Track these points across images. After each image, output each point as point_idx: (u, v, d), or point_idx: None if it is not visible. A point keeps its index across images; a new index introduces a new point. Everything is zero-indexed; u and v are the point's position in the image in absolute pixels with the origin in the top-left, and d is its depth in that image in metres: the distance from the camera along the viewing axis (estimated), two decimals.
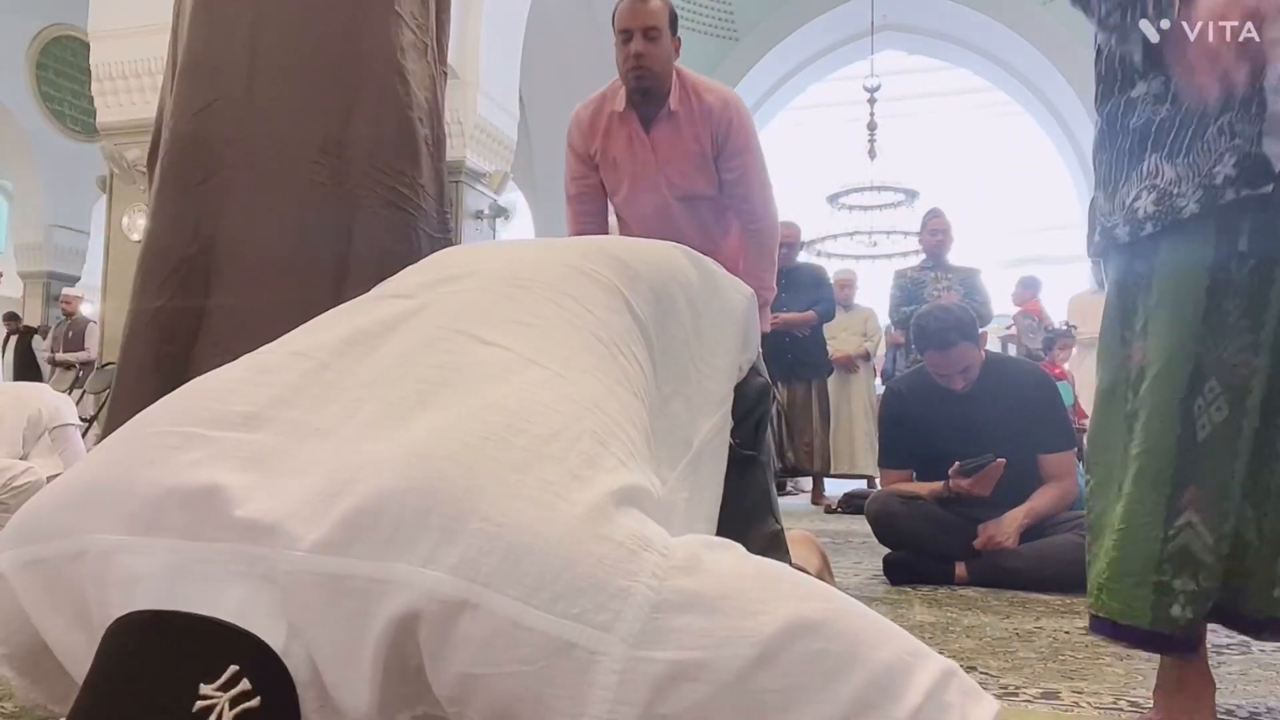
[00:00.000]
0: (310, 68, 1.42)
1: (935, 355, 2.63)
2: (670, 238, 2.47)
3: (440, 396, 0.70)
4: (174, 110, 1.45)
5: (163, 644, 0.60)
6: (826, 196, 12.03)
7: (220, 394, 0.76)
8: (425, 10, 1.59)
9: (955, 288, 4.76)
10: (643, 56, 2.28)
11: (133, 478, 0.67)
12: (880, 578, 2.64)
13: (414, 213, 1.48)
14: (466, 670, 0.56)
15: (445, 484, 0.60)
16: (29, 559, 0.68)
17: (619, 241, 1.16)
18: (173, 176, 1.41)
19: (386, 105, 1.45)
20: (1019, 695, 1.42)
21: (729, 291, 1.24)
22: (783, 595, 0.59)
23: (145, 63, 6.06)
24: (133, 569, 0.62)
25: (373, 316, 0.86)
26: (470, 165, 6.83)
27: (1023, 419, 2.59)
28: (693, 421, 1.02)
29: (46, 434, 3.11)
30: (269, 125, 1.40)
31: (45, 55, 10.62)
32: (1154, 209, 1.14)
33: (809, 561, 1.21)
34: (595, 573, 0.56)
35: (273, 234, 1.39)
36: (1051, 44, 10.52)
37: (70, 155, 10.80)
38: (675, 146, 2.39)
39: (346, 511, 0.59)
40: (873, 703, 0.57)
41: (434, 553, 0.57)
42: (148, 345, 1.37)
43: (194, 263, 1.38)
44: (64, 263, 11.20)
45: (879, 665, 0.58)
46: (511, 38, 6.96)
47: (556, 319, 0.86)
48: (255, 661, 0.58)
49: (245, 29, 1.43)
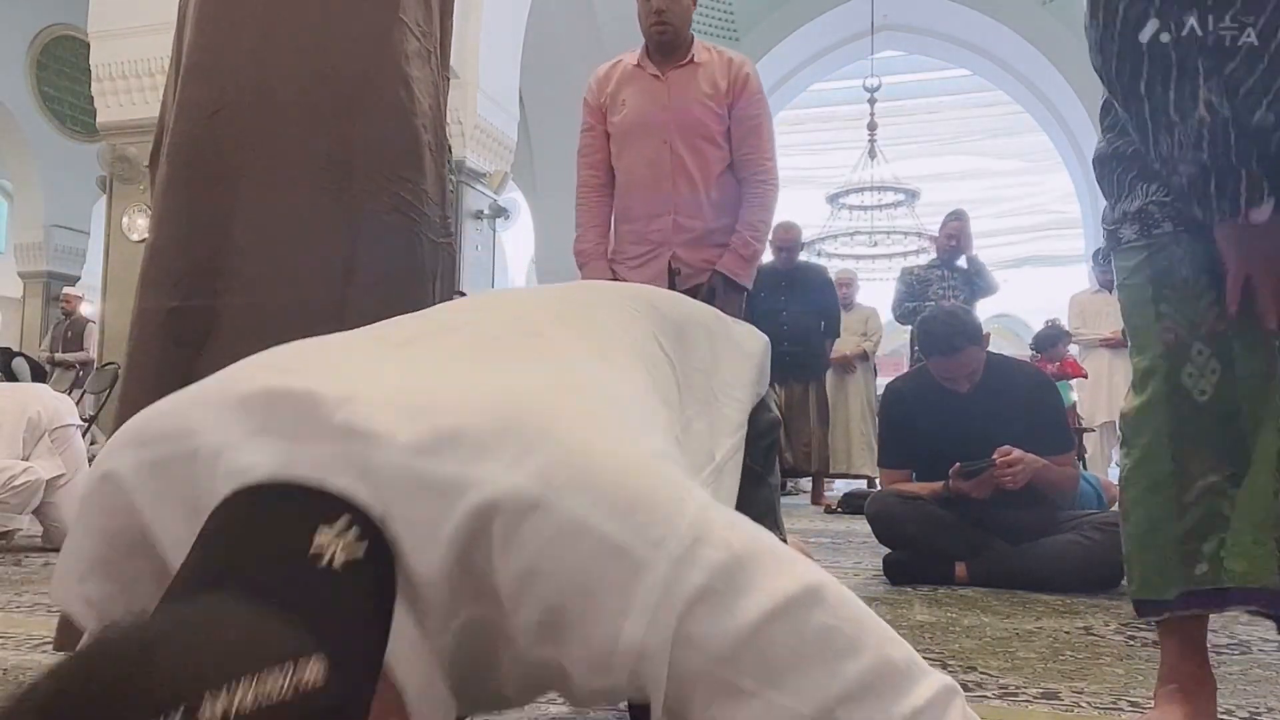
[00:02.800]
0: (318, 75, 1.43)
1: (942, 360, 2.63)
2: (661, 191, 2.52)
3: (524, 362, 0.79)
4: (181, 113, 1.45)
5: (279, 497, 0.65)
6: (826, 196, 12.03)
7: (300, 349, 0.83)
8: (429, 17, 1.59)
9: (961, 289, 4.77)
10: (664, 12, 2.50)
11: (238, 388, 0.72)
12: (880, 578, 2.64)
13: (417, 218, 1.48)
14: (529, 565, 0.62)
15: (528, 411, 0.67)
16: (146, 460, 0.73)
17: (641, 287, 1.26)
18: (183, 179, 1.42)
19: (392, 112, 1.46)
20: (1019, 695, 1.42)
21: (744, 336, 1.35)
22: (801, 566, 0.64)
23: (145, 63, 6.06)
24: (242, 463, 0.67)
25: (423, 324, 0.92)
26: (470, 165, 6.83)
27: (1022, 420, 2.59)
28: (715, 439, 1.11)
29: (47, 435, 3.11)
30: (278, 131, 1.41)
31: (45, 55, 10.63)
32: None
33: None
34: (654, 498, 0.64)
35: (280, 238, 1.39)
36: (1051, 44, 10.53)
37: (70, 155, 10.80)
38: (688, 87, 2.54)
39: (437, 423, 0.66)
40: (876, 690, 0.60)
41: (515, 461, 0.64)
42: (161, 346, 1.37)
43: (204, 265, 1.39)
44: (64, 263, 11.20)
45: (888, 659, 0.62)
46: (511, 38, 6.96)
47: (607, 333, 0.95)
48: (364, 519, 0.64)
49: (253, 36, 1.44)
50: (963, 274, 4.88)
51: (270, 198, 1.40)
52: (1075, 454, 2.78)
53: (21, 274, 11.31)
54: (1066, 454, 2.68)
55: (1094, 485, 3.19)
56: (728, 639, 0.60)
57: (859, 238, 12.07)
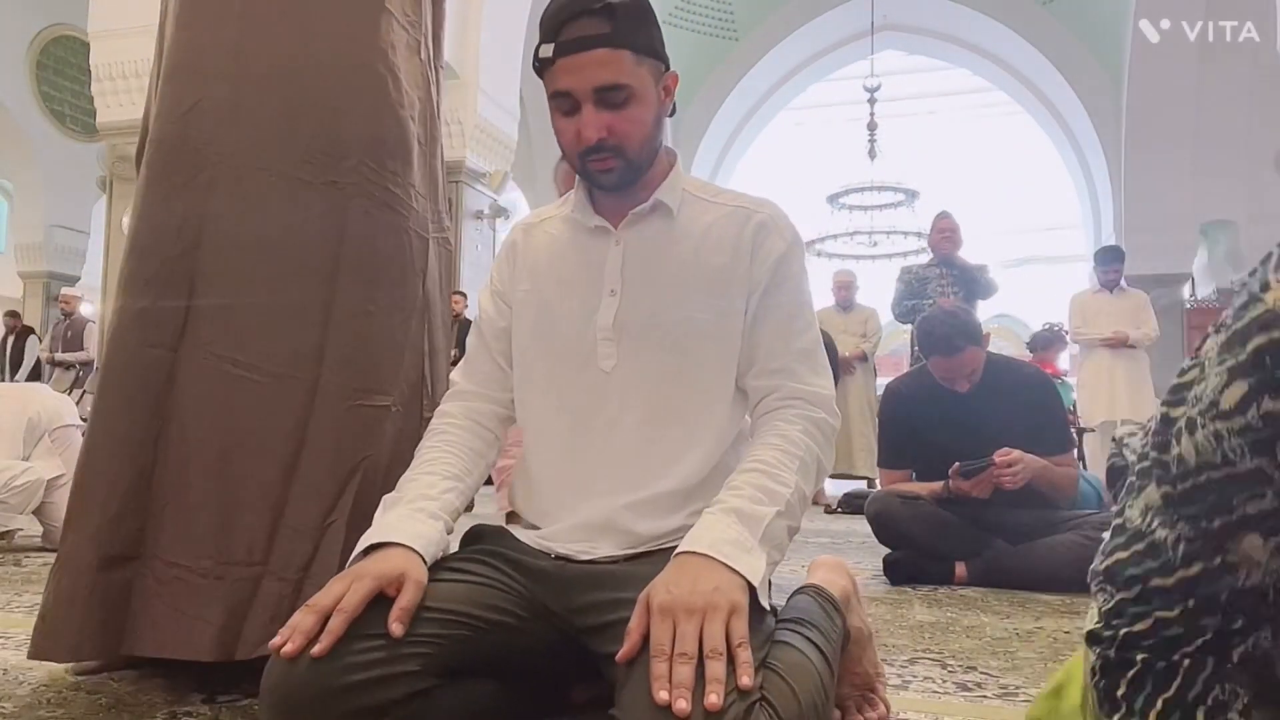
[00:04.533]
0: (298, 68, 1.40)
1: (942, 361, 2.63)
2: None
3: None
4: (159, 112, 1.43)
5: None
6: (826, 196, 12.04)
7: None
8: (418, 7, 1.56)
9: (959, 286, 4.78)
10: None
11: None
12: (880, 578, 2.64)
13: (405, 213, 1.46)
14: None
15: None
16: None
17: None
18: (157, 177, 1.40)
19: (377, 105, 1.43)
20: (1019, 695, 1.42)
21: None
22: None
23: (145, 63, 6.05)
24: None
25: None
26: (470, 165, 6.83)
27: (1022, 420, 2.59)
28: None
29: (47, 435, 3.10)
30: (256, 126, 1.39)
31: (45, 55, 10.64)
32: None
33: (834, 584, 1.21)
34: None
35: (260, 234, 1.37)
36: (1051, 44, 10.53)
37: (70, 155, 10.81)
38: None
39: None
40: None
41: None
42: (132, 345, 1.35)
43: (178, 263, 1.36)
44: (64, 262, 11.21)
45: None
46: (512, 38, 6.96)
47: None
48: None
49: (232, 32, 1.41)
50: (960, 271, 4.89)
51: (249, 194, 1.37)
52: (1075, 454, 2.78)
53: (21, 274, 11.32)
54: (1066, 454, 2.68)
55: (1094, 485, 3.18)
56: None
57: (859, 238, 12.08)
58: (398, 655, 0.95)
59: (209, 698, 1.26)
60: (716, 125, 12.11)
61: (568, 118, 1.14)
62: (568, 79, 1.11)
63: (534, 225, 1.32)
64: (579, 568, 1.11)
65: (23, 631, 1.71)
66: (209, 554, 1.28)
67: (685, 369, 1.17)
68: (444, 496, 1.14)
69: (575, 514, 1.16)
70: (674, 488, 1.15)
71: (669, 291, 1.18)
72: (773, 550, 1.03)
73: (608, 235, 1.22)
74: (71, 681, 1.34)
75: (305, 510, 1.30)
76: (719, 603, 0.90)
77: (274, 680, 0.93)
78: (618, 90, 1.11)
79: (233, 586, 1.27)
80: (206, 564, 1.28)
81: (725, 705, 0.82)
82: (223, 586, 1.27)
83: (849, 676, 1.19)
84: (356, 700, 0.92)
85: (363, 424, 1.35)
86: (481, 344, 1.29)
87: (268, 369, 1.34)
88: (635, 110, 1.13)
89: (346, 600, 0.95)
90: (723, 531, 1.00)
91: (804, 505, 1.11)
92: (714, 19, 11.41)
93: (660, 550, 1.11)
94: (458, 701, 1.01)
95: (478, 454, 1.24)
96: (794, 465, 1.10)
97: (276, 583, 1.27)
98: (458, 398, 1.28)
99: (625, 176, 1.16)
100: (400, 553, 1.03)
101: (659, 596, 0.91)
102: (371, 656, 0.94)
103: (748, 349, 1.19)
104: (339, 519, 1.30)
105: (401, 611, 0.96)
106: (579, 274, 1.22)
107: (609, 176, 1.15)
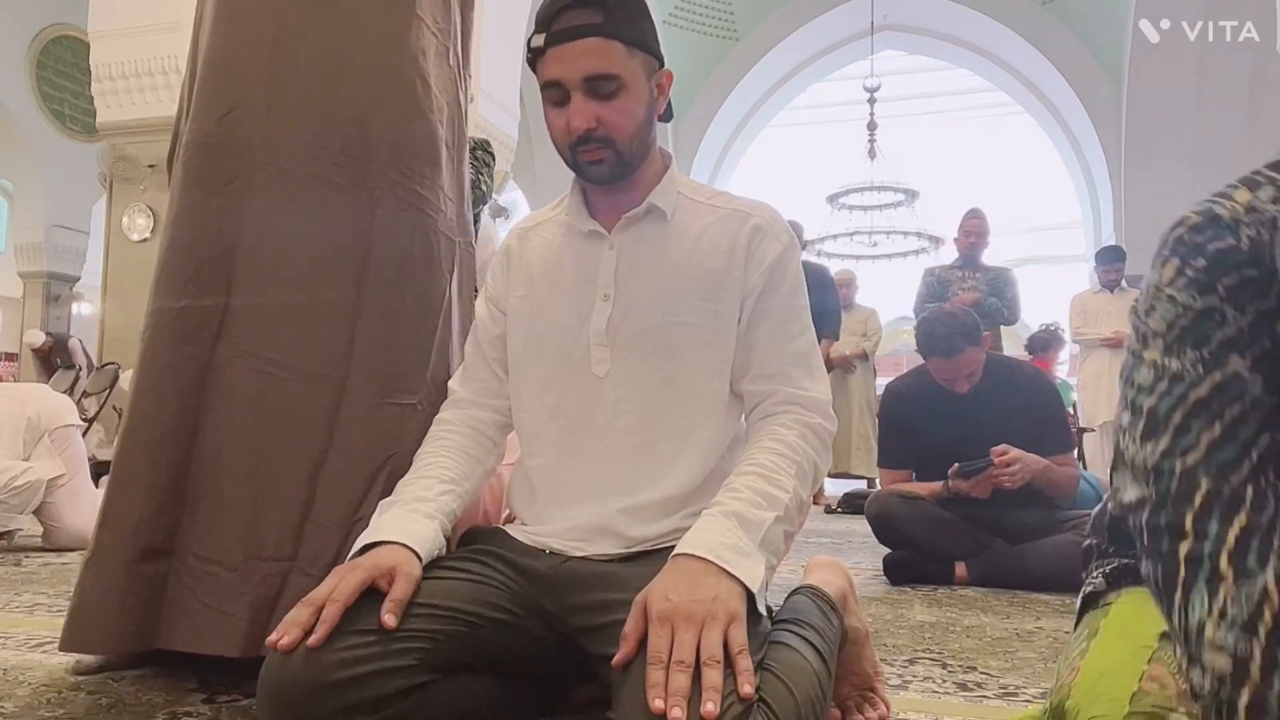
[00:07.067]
0: (331, 72, 1.42)
1: (941, 362, 2.63)
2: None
3: None
4: (195, 114, 1.45)
5: None
6: (826, 196, 12.03)
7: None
8: (447, 14, 1.58)
9: (981, 287, 4.75)
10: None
11: None
12: (880, 578, 2.64)
13: (433, 215, 1.47)
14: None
15: None
16: None
17: None
18: (195, 179, 1.42)
19: (407, 109, 1.45)
20: (1019, 695, 1.42)
21: None
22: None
23: (145, 62, 6.06)
24: None
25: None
26: None
27: (1023, 420, 2.59)
28: None
29: (47, 435, 3.11)
30: (289, 129, 1.41)
31: (45, 55, 10.63)
32: None
33: (830, 584, 1.21)
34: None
35: (293, 236, 1.39)
36: (1051, 44, 10.52)
37: (70, 155, 10.80)
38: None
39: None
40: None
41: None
42: (170, 345, 1.38)
43: (216, 264, 1.39)
44: (64, 263, 11.20)
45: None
46: (512, 38, 6.96)
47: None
48: None
49: (269, 38, 1.43)
50: (985, 274, 4.86)
51: (283, 196, 1.39)
52: (1075, 454, 2.78)
53: (21, 274, 11.31)
54: (1066, 454, 2.68)
55: (1094, 485, 3.19)
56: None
57: (859, 238, 12.07)
58: (392, 650, 0.96)
59: (209, 698, 1.26)
60: (716, 125, 12.11)
61: (558, 109, 1.13)
62: (558, 68, 1.11)
63: (529, 230, 1.31)
64: (574, 567, 1.11)
65: (23, 631, 1.72)
66: (240, 549, 1.30)
67: (678, 374, 1.16)
68: (440, 499, 1.15)
69: (570, 518, 1.16)
70: (668, 494, 1.14)
71: (662, 296, 1.17)
72: (770, 555, 1.03)
73: (602, 239, 1.21)
74: (71, 681, 1.34)
75: (333, 507, 1.32)
76: (718, 612, 0.89)
77: (270, 675, 0.93)
78: (608, 80, 1.10)
79: (262, 582, 1.29)
80: (237, 559, 1.30)
81: (723, 709, 0.81)
82: (252, 581, 1.28)
83: (848, 676, 1.19)
84: (351, 695, 0.92)
85: (390, 422, 1.37)
86: (478, 351, 1.29)
87: (299, 367, 1.36)
88: (625, 102, 1.12)
89: (339, 590, 0.96)
90: (722, 535, 0.99)
91: (802, 511, 1.11)
92: (714, 19, 11.41)
93: (656, 550, 1.11)
94: (453, 697, 1.01)
95: (476, 460, 1.25)
96: (792, 470, 1.09)
97: (304, 578, 1.28)
98: (456, 405, 1.29)
99: (615, 169, 1.15)
100: (393, 548, 1.03)
101: (657, 604, 0.90)
102: (366, 651, 0.94)
103: (743, 353, 1.18)
104: (366, 516, 1.31)
105: (393, 603, 0.97)
106: (573, 278, 1.22)
107: (599, 169, 1.14)
